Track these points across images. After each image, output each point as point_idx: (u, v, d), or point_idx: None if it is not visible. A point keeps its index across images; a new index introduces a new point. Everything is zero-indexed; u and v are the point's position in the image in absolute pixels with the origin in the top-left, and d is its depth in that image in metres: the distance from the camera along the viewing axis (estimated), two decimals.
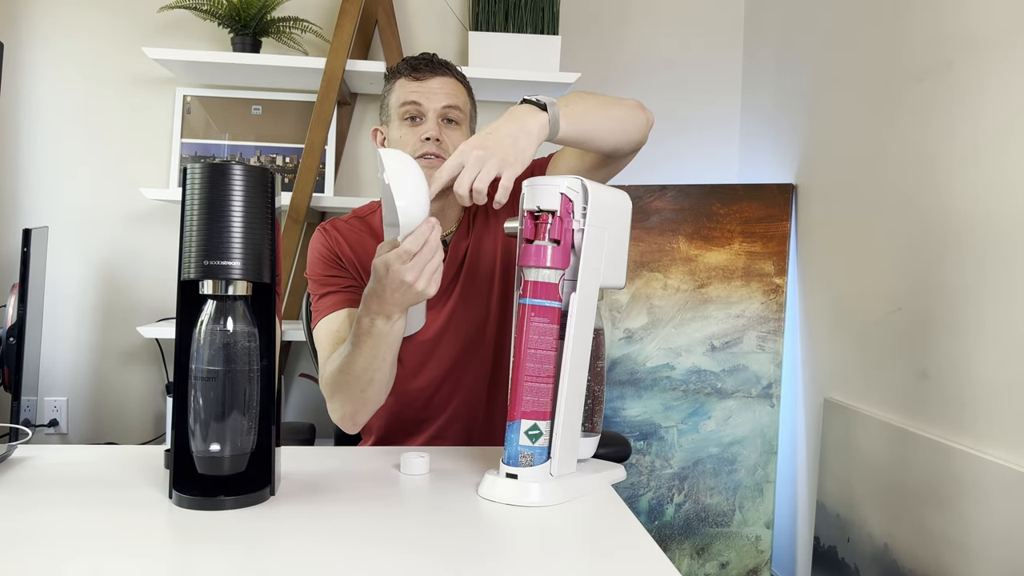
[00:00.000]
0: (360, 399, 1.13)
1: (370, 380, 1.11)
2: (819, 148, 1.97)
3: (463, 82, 1.32)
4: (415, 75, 1.26)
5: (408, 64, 1.28)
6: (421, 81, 1.26)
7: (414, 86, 1.26)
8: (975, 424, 1.36)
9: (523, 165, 0.96)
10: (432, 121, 1.24)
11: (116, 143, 2.24)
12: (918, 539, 1.46)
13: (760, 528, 2.03)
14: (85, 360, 2.26)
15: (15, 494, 0.90)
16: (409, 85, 1.26)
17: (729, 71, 2.45)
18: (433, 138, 1.23)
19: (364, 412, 1.16)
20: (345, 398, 1.14)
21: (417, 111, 1.25)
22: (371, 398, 1.14)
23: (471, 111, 1.33)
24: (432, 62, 1.28)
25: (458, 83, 1.30)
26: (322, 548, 0.76)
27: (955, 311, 1.41)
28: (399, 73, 1.28)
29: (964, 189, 1.41)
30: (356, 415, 1.16)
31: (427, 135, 1.23)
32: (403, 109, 1.25)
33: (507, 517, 0.87)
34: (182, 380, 0.87)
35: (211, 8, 2.07)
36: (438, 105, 1.25)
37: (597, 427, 1.05)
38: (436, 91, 1.25)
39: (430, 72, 1.26)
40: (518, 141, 0.96)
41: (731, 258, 2.09)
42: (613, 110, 1.11)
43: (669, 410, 2.09)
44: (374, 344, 1.07)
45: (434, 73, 1.27)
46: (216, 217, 0.84)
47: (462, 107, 1.28)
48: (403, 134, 1.25)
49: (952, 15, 1.46)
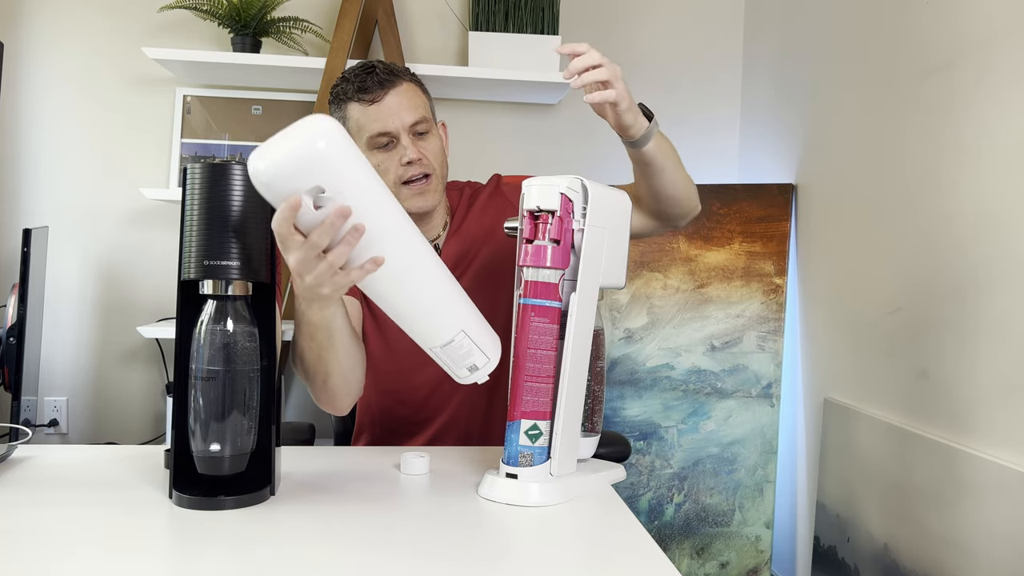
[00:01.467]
0: (325, 388, 1.05)
1: (326, 372, 1.02)
2: (819, 148, 1.97)
3: (413, 81, 1.24)
4: (366, 98, 1.18)
5: (355, 86, 1.18)
6: (377, 103, 1.18)
7: (373, 112, 1.18)
8: (975, 424, 1.36)
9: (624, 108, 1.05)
10: (406, 142, 1.19)
11: (116, 143, 2.24)
12: (918, 539, 1.46)
13: (760, 528, 2.03)
14: (85, 360, 2.26)
15: (15, 494, 0.90)
16: (367, 111, 1.18)
17: (729, 71, 2.44)
18: (415, 160, 1.18)
19: (340, 398, 1.07)
20: (311, 386, 1.06)
21: (388, 138, 1.19)
22: (337, 388, 1.05)
23: (431, 107, 1.26)
24: (376, 75, 1.19)
25: (411, 86, 1.22)
26: (322, 548, 0.76)
27: (955, 311, 1.41)
28: (347, 97, 1.19)
29: (964, 189, 1.41)
30: (333, 401, 1.07)
31: (407, 158, 1.18)
32: (373, 140, 1.19)
33: (507, 517, 0.87)
34: (182, 380, 0.87)
35: (211, 8, 2.07)
36: (405, 124, 1.19)
37: (597, 427, 1.05)
38: (396, 110, 1.18)
39: (380, 89, 1.18)
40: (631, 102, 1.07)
41: (731, 258, 2.09)
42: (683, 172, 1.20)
43: (669, 410, 2.09)
44: (310, 333, 0.97)
45: (384, 88, 1.18)
46: (216, 217, 0.84)
47: (426, 114, 1.22)
48: (380, 162, 1.19)
49: (953, 15, 1.46)
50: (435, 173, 1.22)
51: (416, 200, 1.21)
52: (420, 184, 1.21)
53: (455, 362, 0.94)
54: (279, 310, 0.92)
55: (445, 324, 0.92)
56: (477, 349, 0.94)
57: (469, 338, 0.93)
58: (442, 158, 1.25)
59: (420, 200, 1.22)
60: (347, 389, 1.06)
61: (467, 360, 0.94)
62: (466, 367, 0.95)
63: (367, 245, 0.81)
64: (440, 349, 0.92)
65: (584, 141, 2.40)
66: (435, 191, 1.23)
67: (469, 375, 0.96)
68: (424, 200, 1.22)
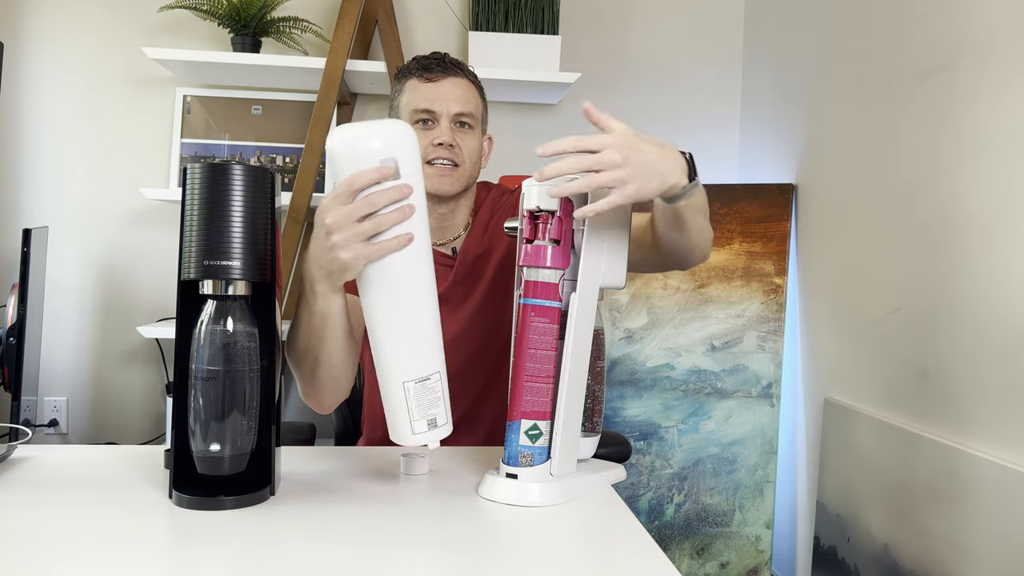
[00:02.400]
0: (312, 380, 1.02)
1: (315, 361, 0.99)
2: (819, 148, 1.97)
3: (475, 83, 1.28)
4: (427, 76, 1.22)
5: (419, 64, 1.23)
6: (433, 83, 1.22)
7: (426, 90, 1.22)
8: (975, 424, 1.36)
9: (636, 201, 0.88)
10: (445, 126, 1.21)
11: (116, 143, 2.24)
12: (918, 539, 1.46)
13: (760, 528, 2.03)
14: (85, 360, 2.26)
15: (15, 494, 0.90)
16: (421, 88, 1.22)
17: (729, 71, 2.45)
18: (446, 143, 1.20)
19: (325, 395, 1.04)
20: (298, 375, 1.04)
21: (430, 116, 1.22)
22: (324, 382, 1.02)
23: (483, 114, 1.30)
24: (444, 62, 1.24)
25: (470, 84, 1.26)
26: (322, 548, 0.76)
27: (955, 311, 1.41)
28: (409, 73, 1.24)
29: (964, 189, 1.41)
30: (317, 395, 1.04)
31: (440, 140, 1.20)
32: (416, 114, 1.22)
33: (507, 517, 0.87)
34: (182, 380, 0.87)
35: (211, 8, 2.07)
36: (451, 111, 1.22)
37: (597, 427, 1.05)
38: (448, 96, 1.22)
39: (442, 73, 1.22)
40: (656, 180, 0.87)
41: (731, 258, 2.09)
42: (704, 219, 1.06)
43: (669, 410, 2.09)
44: (307, 318, 0.96)
45: (446, 74, 1.23)
46: (216, 217, 0.84)
47: (475, 112, 1.25)
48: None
49: (953, 15, 1.46)
50: (463, 166, 1.23)
51: (436, 180, 1.21)
52: (446, 168, 1.21)
53: (420, 407, 0.88)
54: (279, 310, 0.92)
55: (429, 358, 0.89)
56: (443, 403, 0.90)
57: (441, 385, 0.90)
58: (475, 158, 1.26)
59: (440, 182, 1.21)
60: (334, 386, 1.03)
61: (432, 409, 0.89)
62: (427, 419, 0.89)
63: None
64: (413, 385, 0.88)
65: None
66: (458, 180, 1.23)
67: (425, 432, 0.89)
68: (444, 183, 1.21)
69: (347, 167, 0.84)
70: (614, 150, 0.85)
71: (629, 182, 0.85)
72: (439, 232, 1.29)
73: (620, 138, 0.86)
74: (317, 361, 0.99)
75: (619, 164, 0.84)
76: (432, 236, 1.26)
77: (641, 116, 2.41)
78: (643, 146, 0.87)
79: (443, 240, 1.30)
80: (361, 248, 0.84)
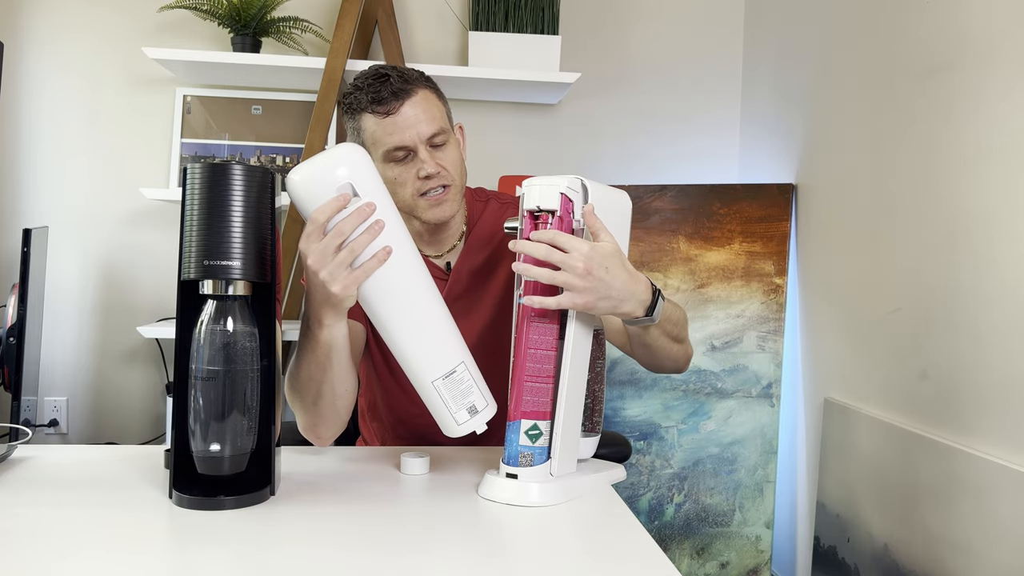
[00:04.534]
0: (313, 411, 1.03)
1: (318, 393, 1.00)
2: (819, 148, 1.97)
3: (428, 86, 1.18)
4: (384, 110, 1.13)
5: (368, 96, 1.13)
6: (393, 115, 1.13)
7: (388, 125, 1.13)
8: (975, 424, 1.36)
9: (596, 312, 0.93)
10: (424, 155, 1.14)
11: (116, 143, 2.24)
12: (918, 539, 1.46)
13: (760, 528, 2.03)
14: (85, 360, 2.26)
15: (15, 494, 0.90)
16: (383, 124, 1.13)
17: (729, 71, 2.44)
18: (432, 173, 1.14)
19: (324, 426, 1.05)
20: (299, 408, 1.05)
21: (404, 151, 1.14)
22: (325, 412, 1.03)
23: (447, 113, 1.21)
24: (390, 85, 1.13)
25: (426, 94, 1.16)
26: (322, 548, 0.76)
27: (955, 311, 1.41)
28: (360, 108, 1.15)
29: (965, 189, 1.41)
30: (317, 428, 1.05)
31: (425, 172, 1.13)
32: (390, 154, 1.14)
33: (507, 517, 0.87)
34: (182, 380, 0.87)
35: (211, 8, 2.07)
36: (422, 136, 1.13)
37: (597, 427, 1.05)
38: (412, 121, 1.13)
39: (395, 100, 1.12)
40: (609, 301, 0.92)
41: (731, 258, 2.09)
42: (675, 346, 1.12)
43: (669, 410, 2.09)
44: (311, 349, 0.97)
45: (400, 99, 1.12)
46: (216, 217, 0.84)
47: (443, 124, 1.17)
48: (398, 175, 1.15)
49: (953, 15, 1.46)
50: (454, 184, 1.18)
51: (434, 211, 1.17)
52: (438, 195, 1.16)
53: (455, 400, 0.93)
54: (279, 310, 0.92)
55: (448, 352, 0.94)
56: (476, 388, 0.95)
57: (469, 373, 0.95)
58: (460, 167, 1.21)
59: (438, 211, 1.17)
60: (334, 416, 1.04)
61: (467, 398, 0.94)
62: (466, 408, 0.93)
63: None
64: (442, 382, 0.92)
65: (584, 141, 2.40)
66: (453, 200, 1.19)
67: (468, 419, 0.94)
68: (442, 210, 1.18)
69: (308, 206, 0.88)
70: (582, 258, 0.89)
71: (582, 293, 0.89)
72: (433, 245, 1.26)
73: (595, 252, 0.90)
74: (320, 392, 1.01)
75: (580, 274, 0.88)
76: (427, 250, 1.25)
77: (641, 116, 2.42)
78: (614, 267, 0.91)
79: (438, 252, 1.26)
80: (347, 277, 0.88)
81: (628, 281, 0.93)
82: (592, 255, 0.89)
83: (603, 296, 0.91)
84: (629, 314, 0.95)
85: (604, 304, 0.91)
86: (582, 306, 0.90)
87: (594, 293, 0.90)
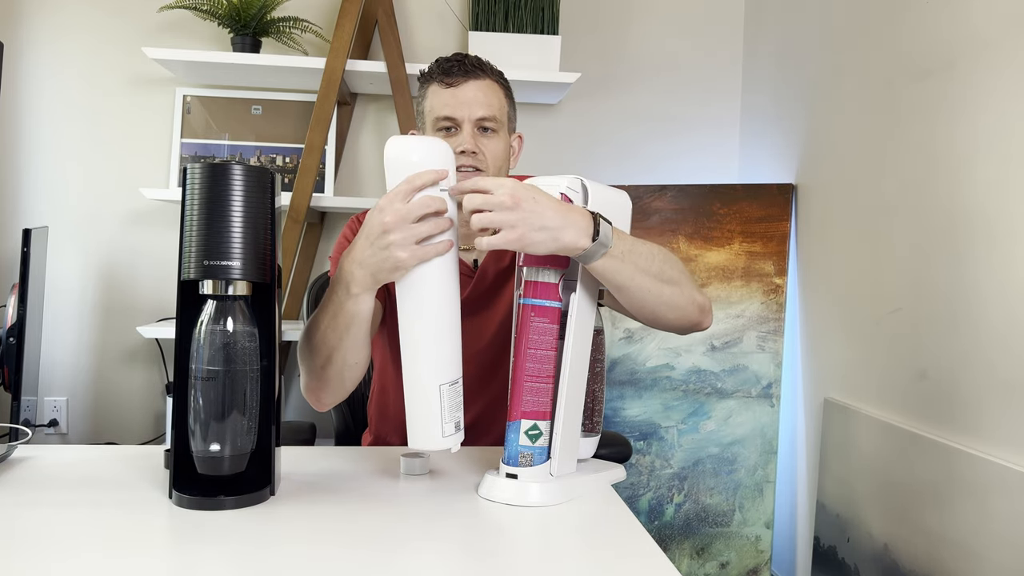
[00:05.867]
0: (320, 376, 1.04)
1: (328, 358, 1.01)
2: (819, 148, 1.97)
3: (500, 82, 1.25)
4: (447, 81, 1.20)
5: (440, 68, 1.21)
6: (454, 88, 1.20)
7: (447, 95, 1.20)
8: (975, 424, 1.36)
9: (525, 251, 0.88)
10: (467, 132, 1.19)
11: (116, 143, 2.24)
12: (918, 539, 1.46)
13: (760, 528, 2.03)
14: (85, 360, 2.26)
15: (15, 494, 0.90)
16: (442, 94, 1.20)
17: (729, 71, 2.45)
18: (469, 151, 1.19)
19: (327, 392, 1.06)
20: (306, 368, 1.05)
21: (451, 123, 1.20)
22: (331, 379, 1.03)
23: (509, 112, 1.27)
24: (464, 64, 1.21)
25: (493, 85, 1.23)
26: (322, 548, 0.76)
27: (955, 311, 1.41)
28: (431, 78, 1.22)
29: (965, 189, 1.41)
30: (319, 392, 1.06)
31: (462, 148, 1.18)
32: (438, 121, 1.20)
33: (507, 517, 0.87)
34: (182, 380, 0.87)
35: (211, 8, 2.07)
36: (472, 116, 1.19)
37: (597, 427, 1.05)
38: (470, 100, 1.20)
39: (463, 76, 1.20)
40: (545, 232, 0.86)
41: (731, 258, 2.09)
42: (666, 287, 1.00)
43: (669, 410, 2.09)
44: (333, 314, 0.97)
45: (467, 77, 1.20)
46: (216, 217, 0.84)
47: (498, 115, 1.22)
48: None
49: (953, 14, 1.46)
50: (487, 172, 1.21)
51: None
52: (468, 173, 1.18)
53: (450, 409, 0.92)
54: (279, 310, 0.92)
55: (458, 363, 0.94)
56: (462, 407, 0.95)
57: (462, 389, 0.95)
58: (500, 161, 1.24)
59: None
60: (339, 386, 1.05)
61: (457, 412, 0.94)
62: (454, 421, 0.93)
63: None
64: (448, 388, 0.92)
65: (584, 141, 2.40)
66: None
67: (453, 434, 0.93)
68: None
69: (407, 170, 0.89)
70: (507, 194, 0.86)
71: (515, 227, 0.86)
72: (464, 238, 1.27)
73: (520, 186, 0.87)
74: (330, 359, 1.01)
75: (509, 207, 0.86)
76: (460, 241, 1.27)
77: (641, 116, 2.42)
78: (541, 197, 0.88)
79: (467, 245, 1.27)
80: (417, 248, 0.88)
81: (560, 208, 0.88)
82: (517, 188, 0.87)
83: (538, 227, 0.86)
84: (575, 246, 0.88)
85: (541, 236, 0.86)
86: (519, 241, 0.86)
87: (527, 224, 0.86)
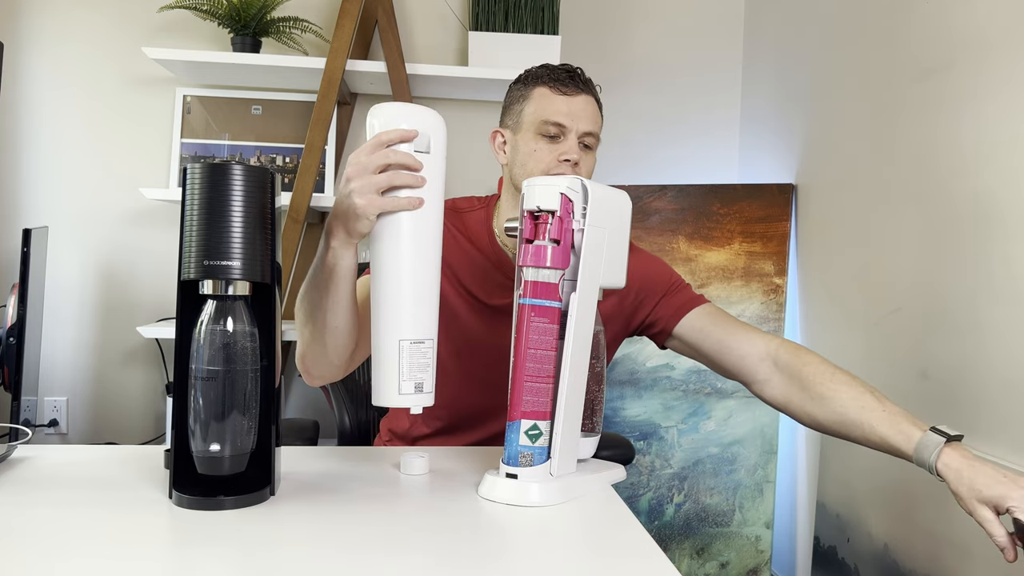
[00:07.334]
0: (304, 338, 1.06)
1: (310, 315, 1.03)
2: (819, 148, 1.97)
3: (600, 105, 1.26)
4: (562, 90, 1.20)
5: (553, 75, 1.21)
6: (569, 97, 1.20)
7: (561, 103, 1.19)
8: (975, 424, 1.35)
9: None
10: (573, 142, 1.19)
11: (116, 143, 2.25)
12: (918, 539, 1.46)
13: (760, 528, 2.03)
14: (85, 360, 2.26)
15: (15, 494, 0.90)
16: (555, 100, 1.20)
17: (729, 71, 2.45)
18: (574, 160, 1.18)
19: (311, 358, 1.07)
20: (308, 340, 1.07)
21: (559, 130, 1.19)
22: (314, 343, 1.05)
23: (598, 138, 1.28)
24: (579, 78, 1.22)
25: (597, 106, 1.24)
26: (322, 548, 0.76)
27: (955, 311, 1.41)
28: (540, 81, 1.22)
29: (964, 189, 1.41)
30: (305, 359, 1.08)
31: (567, 156, 1.18)
32: (545, 126, 1.19)
33: (507, 517, 0.87)
34: (182, 380, 0.87)
35: (211, 8, 2.07)
36: (580, 128, 1.19)
37: (597, 427, 1.05)
38: (581, 113, 1.20)
39: (577, 89, 1.20)
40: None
41: (731, 258, 2.09)
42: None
43: (669, 410, 2.09)
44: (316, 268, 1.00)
45: (580, 91, 1.21)
46: (216, 217, 0.84)
47: (598, 133, 1.23)
48: (538, 148, 1.19)
49: (954, 14, 1.46)
50: None
51: None
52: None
53: (411, 368, 0.91)
54: (279, 310, 0.92)
55: (426, 324, 0.93)
56: (431, 371, 0.94)
57: (433, 355, 0.94)
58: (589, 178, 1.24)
59: None
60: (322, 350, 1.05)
61: (421, 374, 0.92)
62: (414, 381, 0.92)
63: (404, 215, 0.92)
64: (409, 344, 0.91)
65: None
66: None
67: (411, 394, 0.92)
68: None
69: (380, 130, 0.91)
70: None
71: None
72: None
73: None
74: (312, 317, 1.03)
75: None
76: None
77: (641, 116, 2.42)
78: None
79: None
80: (375, 197, 0.90)
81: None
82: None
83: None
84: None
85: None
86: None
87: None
